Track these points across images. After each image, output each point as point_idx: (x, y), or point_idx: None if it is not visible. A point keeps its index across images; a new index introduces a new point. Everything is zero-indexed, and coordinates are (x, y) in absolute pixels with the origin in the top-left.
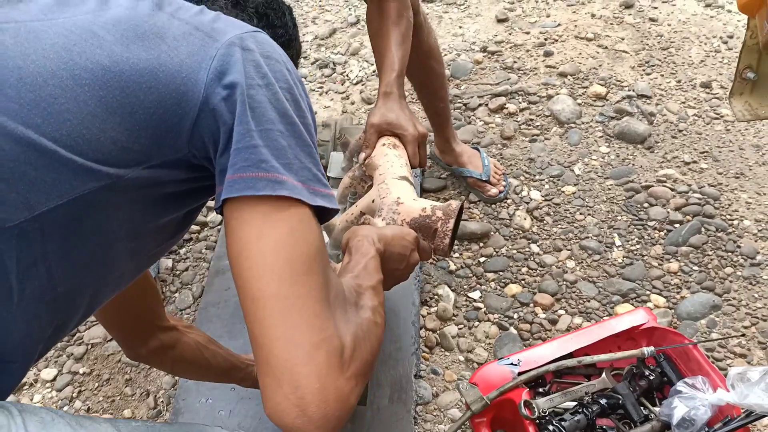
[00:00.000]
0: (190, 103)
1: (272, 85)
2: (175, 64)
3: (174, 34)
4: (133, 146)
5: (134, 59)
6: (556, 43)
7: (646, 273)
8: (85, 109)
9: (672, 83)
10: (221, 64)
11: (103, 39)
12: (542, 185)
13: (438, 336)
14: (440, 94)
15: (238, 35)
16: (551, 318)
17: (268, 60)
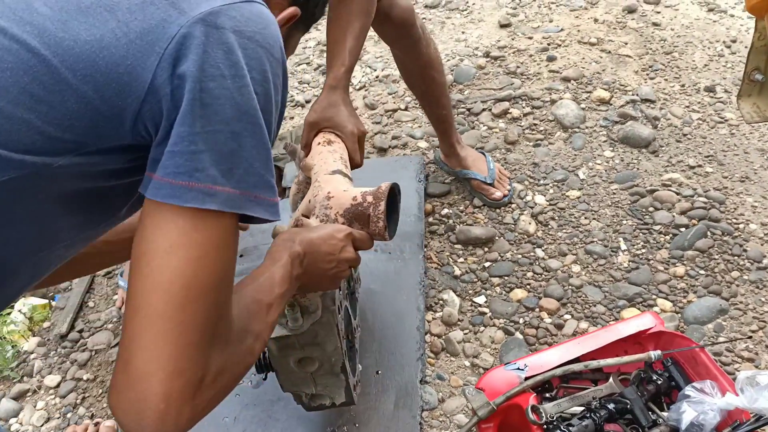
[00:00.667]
0: (133, 94)
1: (240, 77)
2: (120, 47)
3: (129, 4)
4: (64, 135)
5: (69, 41)
6: (559, 47)
7: (652, 277)
8: (6, 96)
9: (676, 87)
10: (178, 49)
11: (36, 11)
12: (547, 190)
13: (443, 341)
14: (442, 102)
15: (215, 9)
16: (557, 323)
17: (245, 42)
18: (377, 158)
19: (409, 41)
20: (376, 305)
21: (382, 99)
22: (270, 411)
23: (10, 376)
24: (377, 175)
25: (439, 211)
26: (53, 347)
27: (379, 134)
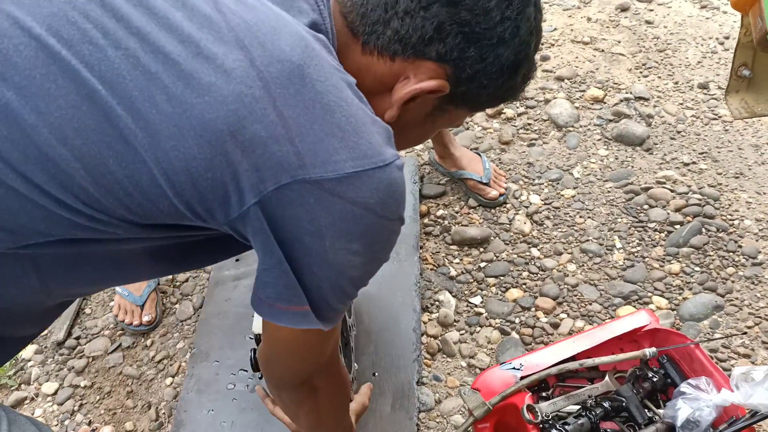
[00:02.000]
0: (223, 212)
1: (334, 238)
2: (227, 173)
3: (253, 135)
4: (149, 216)
5: (177, 154)
6: (553, 47)
7: (648, 275)
8: (102, 179)
9: (669, 85)
10: (280, 198)
11: (156, 106)
12: (541, 189)
13: (439, 342)
14: None
15: (333, 176)
16: (553, 322)
17: (353, 210)
18: None
19: None
20: (371, 307)
21: None
22: (267, 415)
23: (8, 383)
24: None
25: (434, 212)
26: (50, 354)
27: None
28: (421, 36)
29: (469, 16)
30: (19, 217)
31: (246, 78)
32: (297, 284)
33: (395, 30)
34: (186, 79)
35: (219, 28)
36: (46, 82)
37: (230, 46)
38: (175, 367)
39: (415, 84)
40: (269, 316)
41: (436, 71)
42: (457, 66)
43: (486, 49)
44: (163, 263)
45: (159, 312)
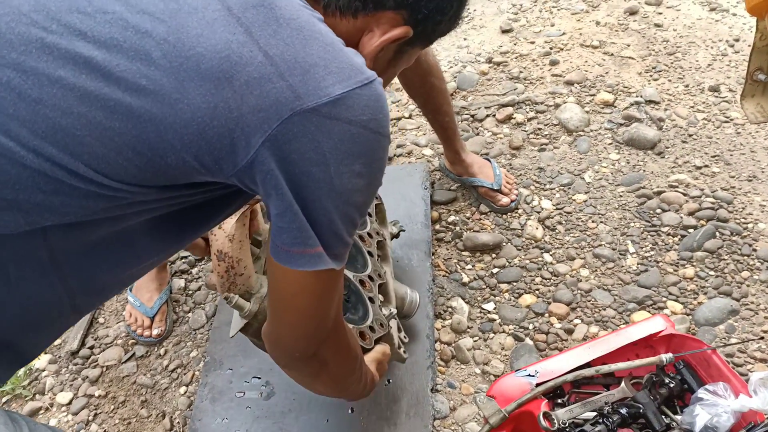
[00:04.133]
0: (231, 163)
1: (345, 164)
2: (231, 119)
3: (248, 78)
4: (156, 176)
5: (183, 104)
6: (562, 51)
7: (662, 279)
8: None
9: (680, 88)
10: (285, 131)
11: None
12: (553, 194)
13: (453, 349)
14: (444, 109)
15: (332, 98)
16: (567, 328)
17: (359, 131)
18: None
19: None
20: None
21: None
22: (281, 423)
23: (23, 394)
24: (383, 183)
25: (445, 218)
26: (64, 364)
27: None
28: None
29: None
30: (34, 195)
31: (228, 26)
32: (308, 226)
33: None
34: (176, 34)
35: None
36: (42, 55)
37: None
38: (188, 375)
39: (381, 36)
40: (287, 261)
41: (395, 19)
42: (413, 9)
43: None
44: (170, 233)
45: (170, 324)
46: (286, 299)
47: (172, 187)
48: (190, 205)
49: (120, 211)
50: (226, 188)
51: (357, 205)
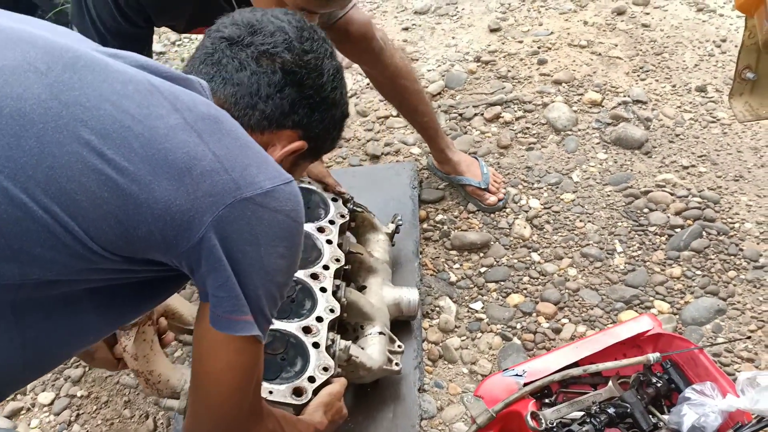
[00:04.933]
0: (186, 238)
1: (271, 246)
2: (189, 201)
3: (202, 170)
4: (126, 246)
5: (155, 184)
6: (550, 51)
7: (649, 279)
8: (98, 210)
9: (667, 88)
10: (229, 214)
11: (134, 151)
12: (541, 193)
13: (441, 348)
14: (420, 110)
15: (264, 190)
16: (555, 327)
17: (282, 218)
18: (370, 166)
19: (371, 55)
20: None
21: (374, 106)
22: None
23: None
24: (371, 182)
25: (433, 217)
26: None
27: (372, 141)
28: (281, 112)
29: (312, 91)
30: (35, 247)
31: (185, 131)
32: (242, 295)
33: (262, 111)
34: (149, 132)
35: (158, 98)
36: (56, 133)
37: (169, 110)
38: None
39: (282, 149)
40: (227, 327)
41: (293, 136)
42: (306, 128)
43: (325, 112)
44: (116, 308)
45: None
46: (212, 377)
47: (133, 260)
48: (137, 281)
49: (91, 275)
50: (169, 271)
51: (278, 285)
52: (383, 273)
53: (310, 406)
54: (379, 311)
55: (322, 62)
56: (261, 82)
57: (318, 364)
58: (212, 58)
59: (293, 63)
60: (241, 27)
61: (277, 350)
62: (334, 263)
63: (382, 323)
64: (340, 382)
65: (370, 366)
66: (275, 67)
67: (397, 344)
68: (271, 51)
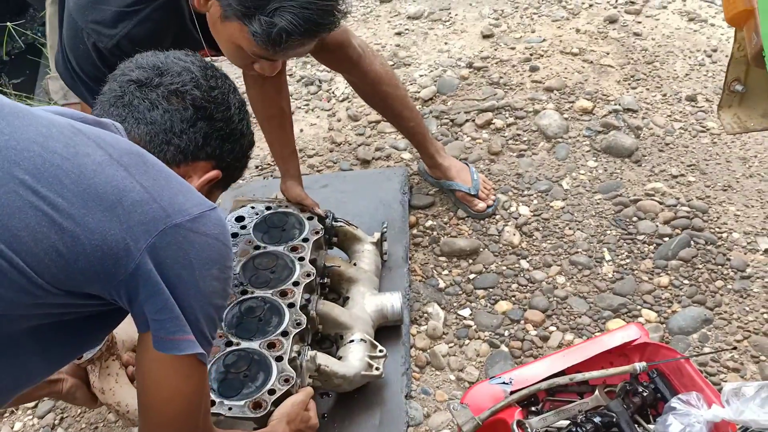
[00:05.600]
0: (122, 266)
1: (205, 269)
2: (123, 230)
3: (132, 201)
4: (66, 279)
5: (89, 217)
6: (542, 58)
7: (637, 287)
8: (40, 244)
9: (658, 97)
10: (161, 241)
11: (66, 188)
12: (531, 200)
13: (428, 355)
14: (405, 115)
15: (192, 216)
16: (542, 335)
17: (211, 241)
18: (361, 170)
19: (350, 62)
20: None
21: (366, 110)
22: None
23: None
24: (361, 187)
25: (423, 223)
26: None
27: (363, 146)
28: (195, 145)
29: (222, 123)
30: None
31: (112, 166)
32: (182, 317)
33: (177, 146)
34: (78, 169)
35: (82, 137)
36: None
37: (94, 148)
38: None
39: (199, 179)
40: (171, 348)
41: (207, 167)
42: (219, 158)
43: (235, 142)
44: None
45: None
46: (160, 406)
47: (74, 294)
48: (76, 318)
49: (35, 309)
50: (107, 305)
51: (216, 307)
52: (366, 282)
53: (273, 417)
54: (359, 320)
55: (228, 97)
56: (174, 119)
57: (280, 376)
58: (122, 100)
59: (202, 99)
60: (147, 70)
61: (240, 369)
62: (304, 278)
63: (362, 331)
64: (305, 391)
65: (344, 373)
66: (186, 104)
67: (378, 349)
68: (181, 89)
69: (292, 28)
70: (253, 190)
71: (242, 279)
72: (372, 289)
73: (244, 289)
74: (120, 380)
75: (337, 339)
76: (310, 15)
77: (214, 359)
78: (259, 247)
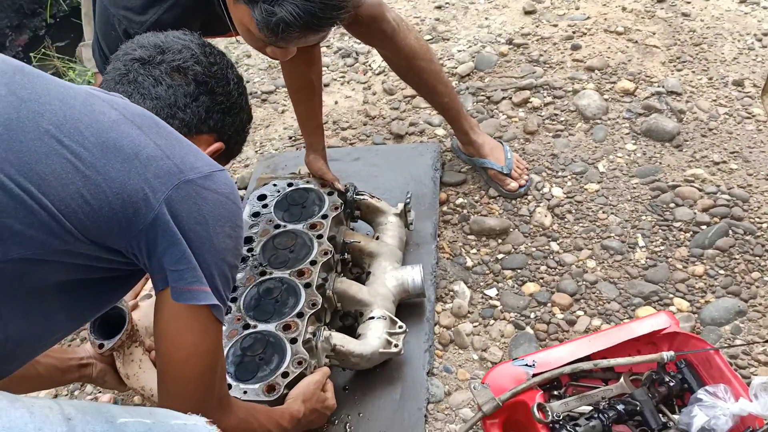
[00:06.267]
0: (142, 216)
1: (219, 225)
2: (141, 180)
3: (147, 155)
4: (92, 226)
5: (110, 167)
6: (585, 36)
7: (670, 275)
8: (66, 189)
9: (703, 80)
10: (177, 195)
11: (87, 139)
12: (564, 182)
13: (452, 333)
14: (439, 90)
15: (204, 173)
16: (569, 319)
17: (223, 200)
18: (394, 145)
19: (384, 36)
20: None
21: (401, 84)
22: None
23: None
24: (393, 162)
25: (453, 200)
26: None
27: (397, 120)
28: (199, 119)
29: (222, 98)
30: (14, 223)
31: (127, 124)
32: (198, 267)
33: (181, 119)
34: (95, 125)
35: (97, 99)
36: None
37: (109, 109)
38: None
39: (203, 151)
40: (188, 299)
41: (210, 139)
42: (221, 132)
43: (235, 116)
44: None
45: None
46: (180, 364)
47: (98, 246)
48: (100, 278)
49: (64, 257)
50: (127, 265)
51: (229, 266)
52: (388, 256)
53: (289, 396)
54: (378, 296)
55: (227, 72)
56: (177, 94)
57: (293, 358)
58: (127, 77)
59: (203, 74)
60: (149, 48)
61: (257, 351)
62: (321, 257)
63: (383, 307)
64: (321, 371)
65: (360, 352)
66: (188, 79)
67: (398, 325)
68: (183, 66)
69: (291, 20)
70: (286, 160)
71: (261, 260)
72: (394, 263)
73: (263, 270)
74: (143, 365)
75: (357, 316)
76: (312, 8)
77: (232, 343)
78: (279, 226)
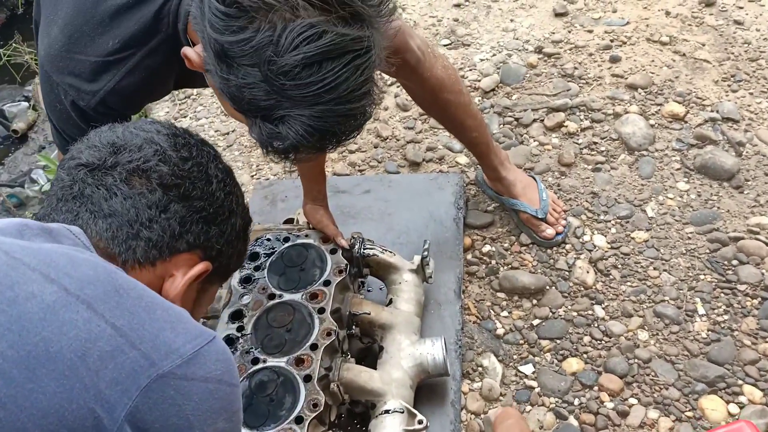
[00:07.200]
0: None
1: (202, 424)
2: (90, 398)
3: (100, 352)
4: None
5: (38, 393)
6: (625, 45)
7: (737, 354)
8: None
9: (764, 105)
10: (146, 401)
11: (4, 355)
12: (608, 228)
13: (482, 422)
14: (468, 125)
15: (184, 359)
16: (621, 408)
17: (215, 386)
18: (409, 175)
19: (407, 68)
20: None
21: None
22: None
23: None
24: (408, 196)
25: (479, 247)
26: None
27: (412, 143)
28: (171, 235)
29: (202, 203)
30: None
31: (69, 305)
32: None
33: (147, 239)
34: (18, 322)
35: (23, 271)
36: None
37: (41, 284)
38: None
39: (183, 277)
40: None
41: (192, 259)
42: (206, 247)
43: (223, 224)
44: None
45: None
46: None
47: None
48: None
49: None
50: None
51: None
52: (404, 327)
53: None
54: (393, 382)
55: (207, 167)
56: (138, 206)
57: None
58: (71, 191)
59: (172, 175)
60: (100, 149)
61: None
62: (324, 339)
63: (398, 396)
64: None
65: None
66: (152, 184)
67: (417, 420)
68: (143, 167)
69: (301, 141)
70: (286, 189)
71: (254, 343)
72: (411, 334)
73: (255, 357)
74: None
75: (369, 406)
76: (324, 126)
77: None
78: (274, 296)
